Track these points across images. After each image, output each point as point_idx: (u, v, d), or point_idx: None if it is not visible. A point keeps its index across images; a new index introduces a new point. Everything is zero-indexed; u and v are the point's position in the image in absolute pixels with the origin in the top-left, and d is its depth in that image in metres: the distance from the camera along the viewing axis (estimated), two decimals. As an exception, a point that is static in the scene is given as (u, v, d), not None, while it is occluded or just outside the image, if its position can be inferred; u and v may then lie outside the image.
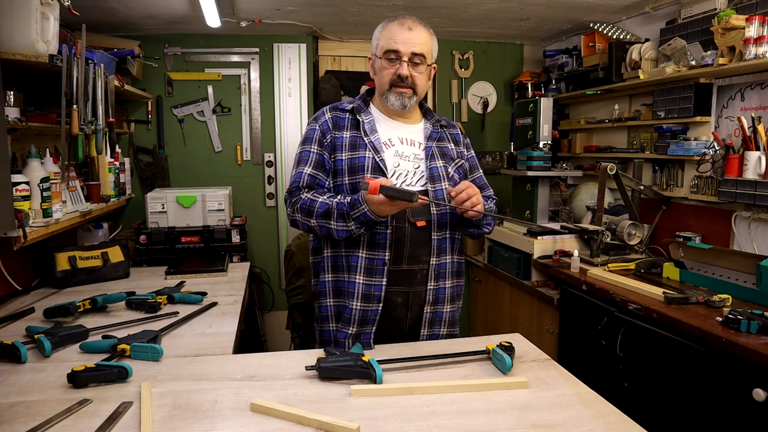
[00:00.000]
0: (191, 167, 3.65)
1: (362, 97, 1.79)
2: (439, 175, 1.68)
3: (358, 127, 1.69)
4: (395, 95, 1.66)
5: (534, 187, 3.18)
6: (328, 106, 1.76)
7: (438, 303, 1.68)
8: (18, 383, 1.36)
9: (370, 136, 1.66)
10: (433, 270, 1.65)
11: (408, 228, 1.62)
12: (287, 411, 1.16)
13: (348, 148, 1.66)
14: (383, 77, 1.66)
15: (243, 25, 3.33)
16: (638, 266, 2.55)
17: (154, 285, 2.38)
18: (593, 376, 2.02)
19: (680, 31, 2.70)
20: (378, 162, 1.62)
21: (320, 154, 1.68)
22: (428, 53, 1.67)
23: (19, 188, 1.90)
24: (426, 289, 1.65)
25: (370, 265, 1.60)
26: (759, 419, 1.65)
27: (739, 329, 1.75)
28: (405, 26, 1.64)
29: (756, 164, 2.28)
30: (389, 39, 1.64)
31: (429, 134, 1.73)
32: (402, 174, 1.66)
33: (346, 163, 1.64)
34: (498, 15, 3.20)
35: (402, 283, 1.63)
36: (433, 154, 1.70)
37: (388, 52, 1.64)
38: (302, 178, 1.66)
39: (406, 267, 1.63)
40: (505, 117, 4.07)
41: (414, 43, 1.63)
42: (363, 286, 1.61)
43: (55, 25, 1.99)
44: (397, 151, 1.68)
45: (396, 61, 1.64)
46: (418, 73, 1.65)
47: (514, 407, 1.22)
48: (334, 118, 1.71)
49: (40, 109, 2.24)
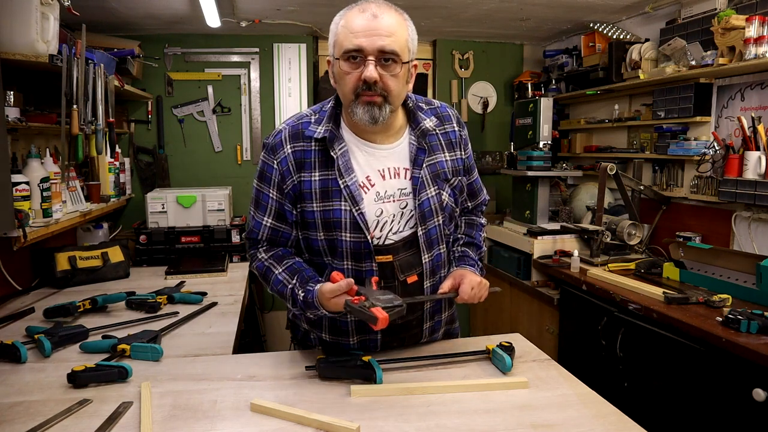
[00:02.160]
0: (191, 167, 3.65)
1: (331, 115, 1.37)
2: (431, 209, 1.40)
3: (328, 163, 1.34)
4: (362, 107, 1.27)
5: (534, 187, 3.18)
6: (288, 130, 1.38)
7: (434, 332, 1.56)
8: (18, 383, 1.36)
9: (346, 178, 1.33)
10: (428, 313, 1.48)
11: (398, 285, 1.39)
12: (287, 411, 1.16)
13: (319, 196, 1.35)
14: (345, 85, 1.28)
15: (243, 25, 3.33)
16: (638, 266, 2.55)
17: (154, 285, 2.38)
18: (593, 376, 2.02)
19: (680, 31, 2.70)
20: (356, 216, 1.33)
21: (280, 203, 1.39)
22: (402, 48, 1.27)
23: (19, 188, 1.90)
24: (422, 330, 1.50)
25: (362, 324, 1.40)
26: (759, 419, 1.65)
27: (739, 329, 1.75)
28: (367, 13, 1.25)
29: (756, 164, 2.28)
30: (348, 33, 1.25)
31: (414, 156, 1.39)
32: (387, 222, 1.37)
33: (319, 217, 1.36)
34: (498, 15, 3.20)
35: (398, 332, 1.46)
36: (423, 182, 1.38)
37: (349, 51, 1.25)
38: (261, 230, 1.43)
39: (400, 321, 1.38)
40: (505, 117, 4.07)
41: (381, 35, 1.23)
42: (359, 343, 1.45)
43: (55, 25, 1.99)
44: (378, 193, 1.36)
45: (359, 61, 1.25)
46: (390, 75, 1.26)
47: (514, 407, 1.22)
48: (296, 153, 1.36)
49: (40, 109, 2.24)
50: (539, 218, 3.17)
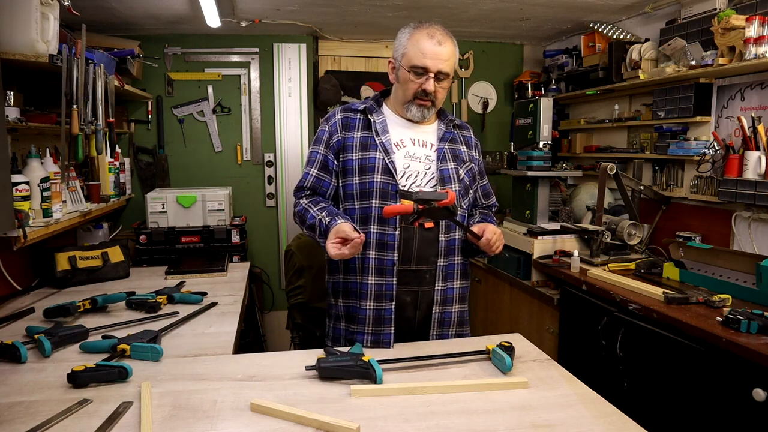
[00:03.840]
0: (191, 167, 3.65)
1: (375, 98, 1.78)
2: (450, 177, 1.69)
3: (370, 127, 1.70)
4: (417, 107, 1.67)
5: (534, 187, 3.18)
6: (341, 107, 1.77)
7: (446, 303, 1.69)
8: (18, 383, 1.36)
9: (381, 137, 1.67)
10: (441, 271, 1.67)
11: (416, 228, 1.63)
12: (287, 411, 1.16)
13: (358, 148, 1.68)
14: (408, 89, 1.66)
15: (243, 25, 3.33)
16: (638, 266, 2.55)
17: (154, 285, 2.38)
18: (593, 376, 2.02)
19: (680, 31, 2.70)
20: (388, 163, 1.63)
21: (325, 156, 1.72)
22: (452, 69, 1.66)
23: (19, 188, 1.90)
24: (434, 290, 1.67)
25: (380, 265, 1.63)
26: (759, 419, 1.65)
27: (739, 329, 1.75)
28: (434, 40, 1.61)
29: (756, 164, 2.28)
30: (418, 53, 1.61)
31: (442, 135, 1.73)
32: (412, 175, 1.67)
33: (357, 164, 1.66)
34: (498, 15, 3.20)
35: (411, 283, 1.66)
36: (445, 155, 1.71)
37: (416, 67, 1.61)
38: (307, 179, 1.74)
39: (415, 267, 1.65)
40: (505, 117, 4.07)
41: (442, 60, 1.61)
42: (375, 286, 1.63)
43: (55, 25, 1.99)
44: (408, 153, 1.69)
45: (422, 76, 1.62)
46: (441, 88, 1.66)
47: (514, 407, 1.22)
48: (344, 119, 1.73)
49: (40, 109, 2.24)
50: (539, 218, 3.17)
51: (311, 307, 2.56)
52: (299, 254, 2.61)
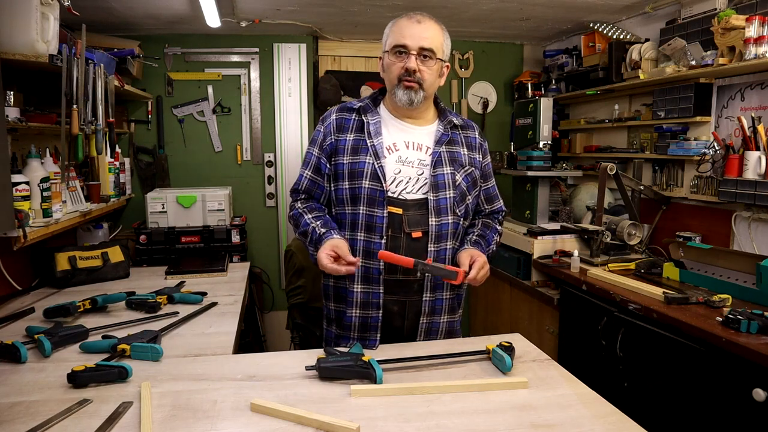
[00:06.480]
0: (191, 167, 3.65)
1: (373, 96, 1.74)
2: (444, 183, 1.62)
3: (363, 128, 1.65)
4: (403, 89, 1.58)
5: (534, 187, 3.18)
6: (337, 106, 1.73)
7: (434, 314, 1.66)
8: (18, 383, 1.36)
9: (373, 140, 1.62)
10: (430, 281, 1.62)
11: (403, 238, 1.58)
12: (287, 411, 1.16)
13: (350, 152, 1.63)
14: (392, 72, 1.60)
15: (243, 25, 3.33)
16: (638, 266, 2.55)
17: (154, 285, 2.38)
18: (593, 376, 2.02)
19: (680, 31, 2.69)
20: (377, 168, 1.58)
21: (318, 158, 1.69)
22: (438, 48, 1.59)
23: (19, 188, 1.90)
24: (422, 300, 1.63)
25: (366, 273, 1.59)
26: (759, 419, 1.65)
27: (739, 329, 1.75)
28: (414, 20, 1.58)
29: (756, 164, 2.28)
30: (397, 33, 1.58)
31: (439, 137, 1.66)
32: (403, 181, 1.61)
33: (347, 168, 1.62)
34: (498, 15, 3.20)
35: (398, 293, 1.62)
36: (441, 159, 1.63)
37: (397, 46, 1.58)
38: (302, 182, 1.73)
39: (402, 277, 1.60)
40: (505, 117, 4.07)
41: (422, 37, 1.56)
42: (361, 294, 1.61)
43: (55, 25, 1.99)
44: (400, 157, 1.63)
45: (404, 55, 1.57)
46: (426, 68, 1.58)
47: (514, 407, 1.22)
48: (339, 119, 1.68)
49: (40, 109, 2.24)
50: (539, 218, 3.17)
51: (311, 307, 2.56)
52: (299, 254, 2.61)
